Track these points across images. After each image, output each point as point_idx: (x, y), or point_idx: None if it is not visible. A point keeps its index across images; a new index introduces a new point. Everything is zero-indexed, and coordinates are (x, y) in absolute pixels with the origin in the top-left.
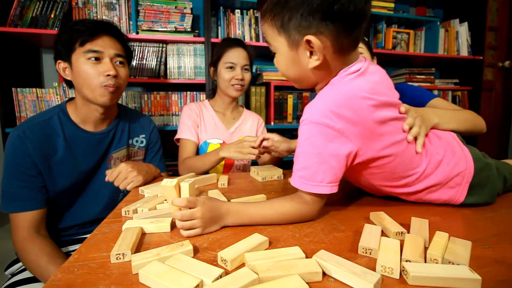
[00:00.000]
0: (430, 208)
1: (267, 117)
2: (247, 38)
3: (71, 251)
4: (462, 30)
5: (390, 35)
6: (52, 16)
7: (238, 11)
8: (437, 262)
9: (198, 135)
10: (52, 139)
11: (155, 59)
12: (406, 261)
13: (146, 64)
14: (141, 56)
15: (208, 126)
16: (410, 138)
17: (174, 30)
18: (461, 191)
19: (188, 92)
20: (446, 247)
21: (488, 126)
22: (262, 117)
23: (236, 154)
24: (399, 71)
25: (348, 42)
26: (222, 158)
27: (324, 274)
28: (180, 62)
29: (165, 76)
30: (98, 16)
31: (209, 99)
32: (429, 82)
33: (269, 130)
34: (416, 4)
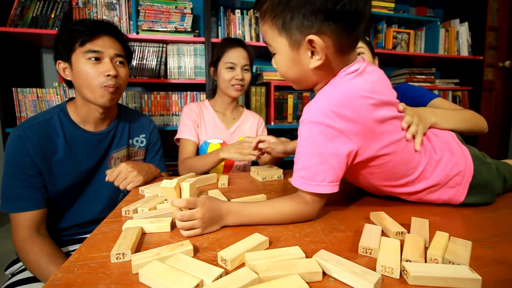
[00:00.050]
0: (430, 208)
1: (267, 117)
2: (247, 38)
3: (71, 251)
4: (463, 30)
5: (391, 35)
6: (52, 16)
7: (238, 11)
8: (437, 262)
9: (198, 135)
10: (52, 139)
11: (155, 59)
12: (406, 261)
13: (146, 64)
14: (141, 56)
15: (208, 126)
16: (408, 136)
17: (174, 30)
18: (461, 191)
19: (188, 92)
20: (446, 247)
21: (488, 126)
22: (262, 117)
23: (236, 155)
24: (399, 71)
25: (348, 42)
26: (222, 159)
27: (324, 274)
28: (180, 62)
29: (165, 76)
30: (99, 16)
31: (209, 99)
32: (429, 82)
33: (269, 130)
34: (416, 4)
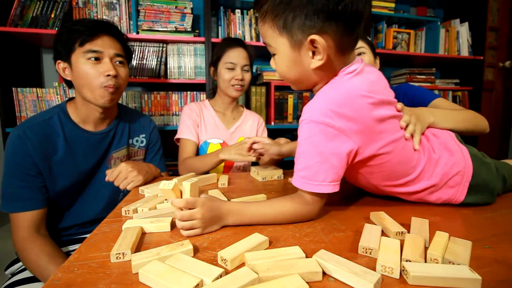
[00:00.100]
0: (430, 208)
1: (267, 117)
2: (247, 38)
3: (71, 251)
4: (463, 30)
5: (391, 35)
6: (52, 16)
7: (238, 11)
8: (437, 262)
9: (198, 135)
10: (52, 139)
11: (155, 59)
12: (406, 261)
13: (146, 64)
14: (141, 56)
15: (208, 126)
16: (407, 135)
17: (175, 30)
18: (461, 191)
19: (188, 92)
20: (446, 247)
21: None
22: (263, 117)
23: (236, 156)
24: (400, 71)
25: (348, 42)
26: (222, 160)
27: (324, 273)
28: (180, 62)
29: (165, 76)
30: (99, 16)
31: (209, 99)
32: (429, 82)
33: (269, 130)
34: (416, 4)
